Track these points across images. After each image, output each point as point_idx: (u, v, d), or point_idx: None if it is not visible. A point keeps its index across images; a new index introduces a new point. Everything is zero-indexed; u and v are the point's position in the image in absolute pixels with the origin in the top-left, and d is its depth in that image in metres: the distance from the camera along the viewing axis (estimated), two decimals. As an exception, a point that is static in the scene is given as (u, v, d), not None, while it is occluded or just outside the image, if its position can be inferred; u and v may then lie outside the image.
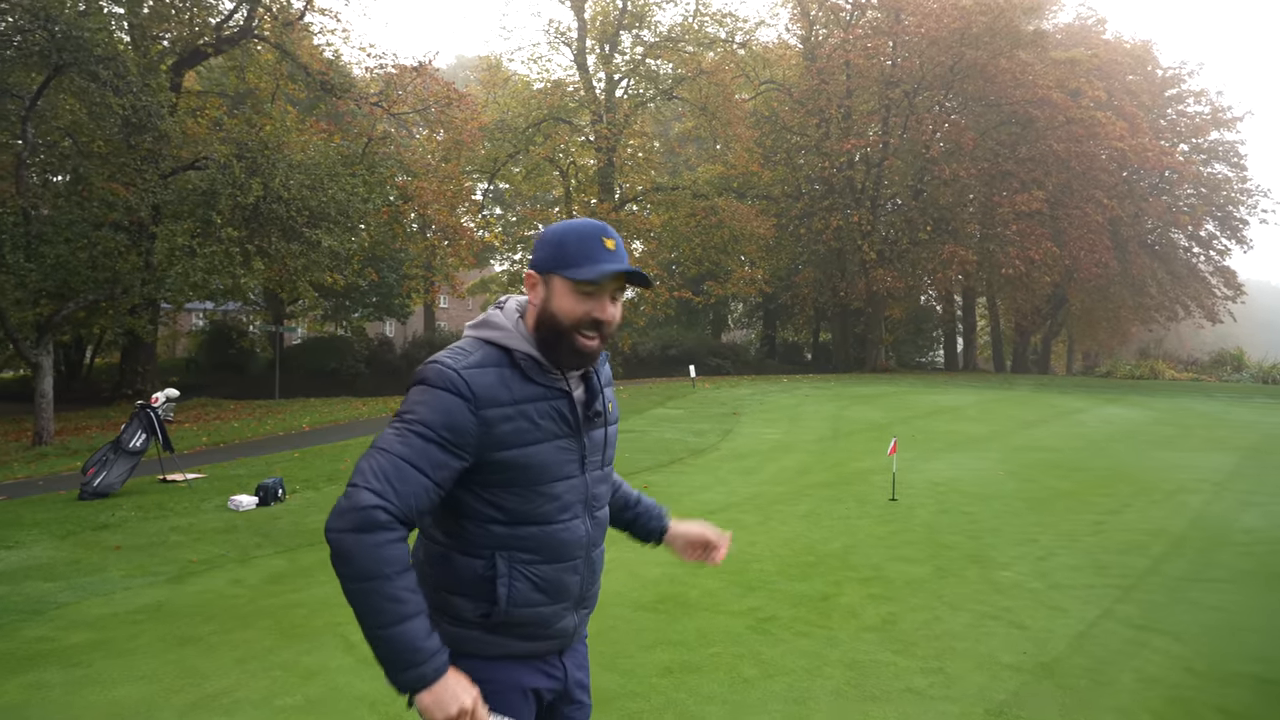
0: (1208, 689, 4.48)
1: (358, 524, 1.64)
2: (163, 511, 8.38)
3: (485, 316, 1.93)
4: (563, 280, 1.82)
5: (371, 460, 1.70)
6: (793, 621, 5.50)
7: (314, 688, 4.42)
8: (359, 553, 1.63)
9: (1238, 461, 11.82)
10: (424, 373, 1.79)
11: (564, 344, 1.83)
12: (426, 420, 1.72)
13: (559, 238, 1.85)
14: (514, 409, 1.79)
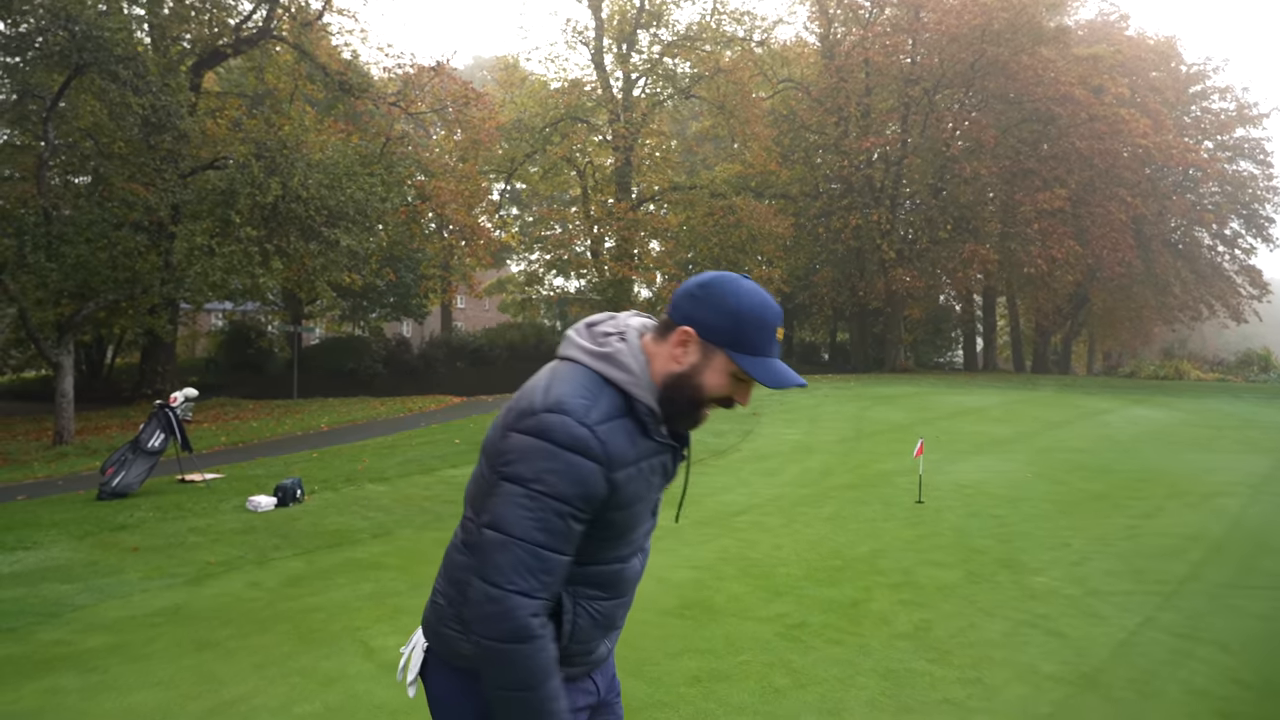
0: (1260, 703, 4.31)
1: (513, 635, 1.58)
2: (181, 512, 8.33)
3: (611, 350, 1.72)
4: (726, 360, 1.69)
5: (510, 554, 1.58)
6: (823, 628, 5.35)
7: (333, 695, 4.32)
8: (517, 663, 1.59)
9: (1272, 464, 11.54)
10: (548, 426, 1.60)
11: (693, 413, 1.75)
12: (561, 494, 1.59)
13: (736, 314, 1.68)
14: (635, 467, 1.69)
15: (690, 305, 1.70)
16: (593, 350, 1.72)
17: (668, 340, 1.72)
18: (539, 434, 1.60)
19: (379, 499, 8.99)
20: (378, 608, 5.68)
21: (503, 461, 1.63)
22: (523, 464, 1.60)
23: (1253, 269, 40.22)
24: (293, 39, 20.22)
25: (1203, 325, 44.51)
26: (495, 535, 1.61)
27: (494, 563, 1.59)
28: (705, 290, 1.70)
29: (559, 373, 1.71)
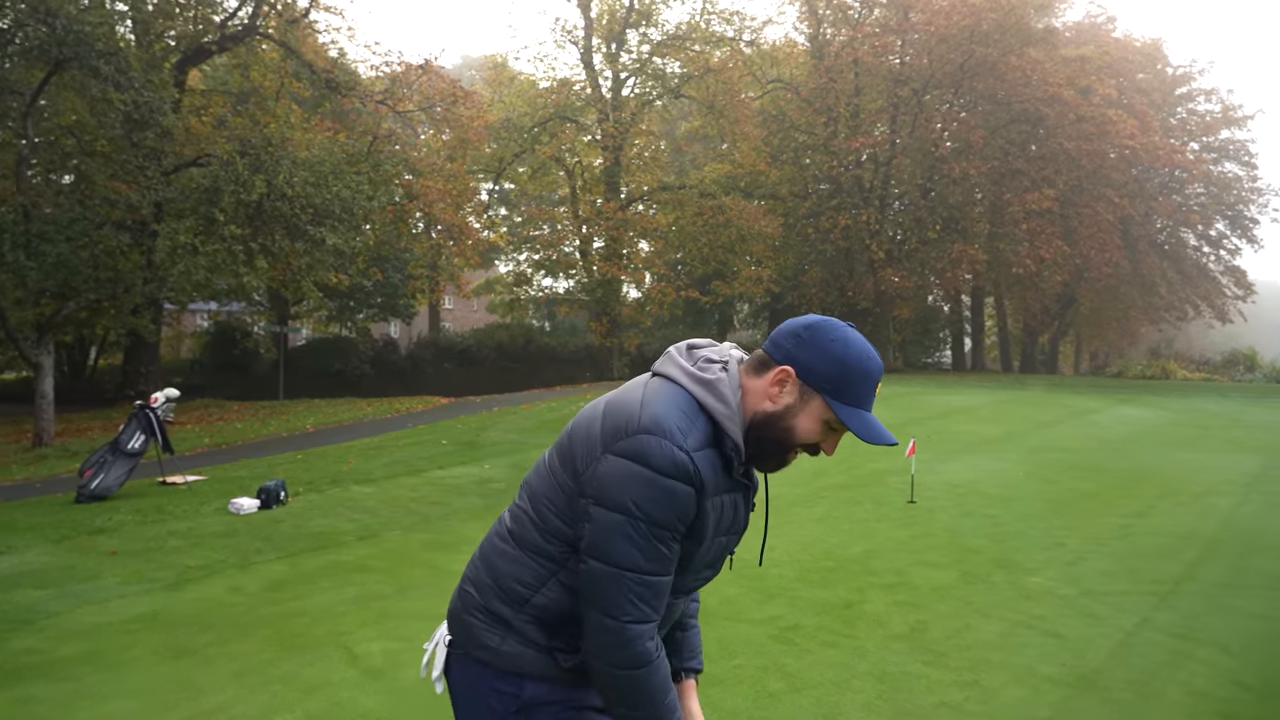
0: (1261, 705, 4.24)
1: (633, 662, 1.63)
2: (161, 515, 8.16)
3: (713, 378, 1.68)
4: (823, 406, 1.66)
5: (622, 586, 1.60)
6: (817, 631, 5.26)
7: (315, 703, 4.19)
8: (639, 687, 1.65)
9: (1262, 463, 11.54)
10: (647, 450, 1.58)
11: (779, 456, 1.72)
12: (662, 522, 1.59)
13: (842, 361, 1.65)
14: (719, 499, 1.69)
15: (794, 345, 1.67)
16: (694, 375, 1.69)
17: (764, 377, 1.68)
18: (637, 458, 1.58)
19: (365, 500, 8.84)
20: (362, 612, 5.55)
21: (599, 486, 1.61)
22: (623, 492, 1.58)
23: (1238, 269, 40.43)
24: (279, 36, 20.01)
25: (1189, 326, 44.75)
26: (602, 567, 1.61)
27: (607, 595, 1.60)
28: (812, 333, 1.67)
29: (657, 391, 1.67)
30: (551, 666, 1.70)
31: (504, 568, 1.73)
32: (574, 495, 1.66)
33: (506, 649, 1.69)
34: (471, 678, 1.73)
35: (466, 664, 1.74)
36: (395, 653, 4.85)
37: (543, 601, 1.69)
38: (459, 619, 1.77)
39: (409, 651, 4.84)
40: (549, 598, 1.69)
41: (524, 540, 1.73)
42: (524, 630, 1.69)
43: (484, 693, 1.71)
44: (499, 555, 1.76)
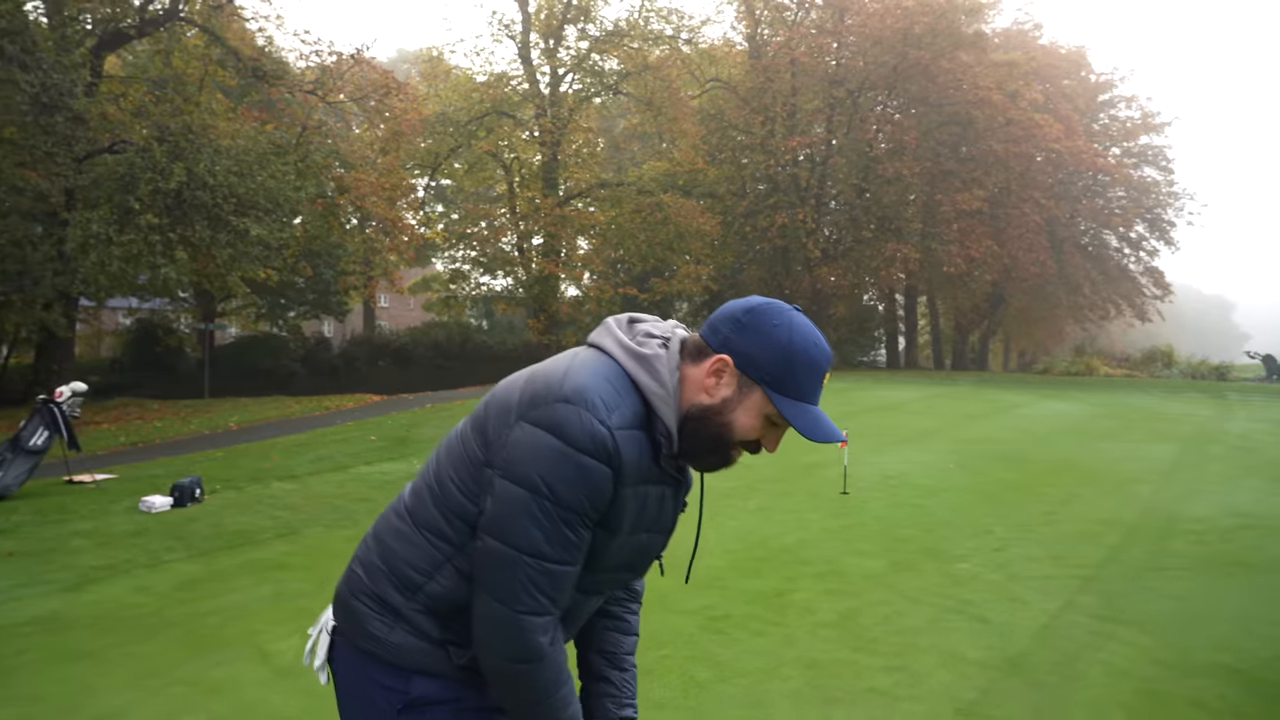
0: (1179, 681, 4.30)
1: (524, 656, 1.47)
2: (64, 515, 7.73)
3: (650, 353, 1.51)
4: (764, 399, 1.50)
5: (520, 572, 1.43)
6: (747, 620, 5.20)
7: (222, 704, 3.97)
8: (529, 680, 1.49)
9: (1179, 452, 11.92)
10: (564, 420, 1.41)
11: (715, 455, 1.56)
12: (572, 504, 1.42)
13: (787, 350, 1.49)
14: (642, 489, 1.51)
15: (733, 331, 1.50)
16: (630, 348, 1.52)
17: (700, 366, 1.52)
18: (553, 428, 1.41)
19: (286, 497, 8.52)
20: (278, 610, 5.31)
21: (508, 457, 1.44)
22: (531, 465, 1.41)
23: (1156, 270, 41.95)
24: (202, 21, 19.32)
25: (1110, 325, 46.33)
26: (500, 548, 1.43)
27: (501, 579, 1.44)
28: (753, 317, 1.51)
29: (585, 360, 1.51)
30: (443, 662, 1.54)
31: (397, 549, 1.57)
32: (481, 466, 1.50)
33: (394, 639, 1.54)
34: (355, 669, 1.58)
35: (351, 653, 1.59)
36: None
37: (437, 589, 1.53)
38: (345, 604, 1.62)
39: (325, 649, 4.63)
40: (444, 585, 1.53)
41: (422, 519, 1.57)
42: (414, 620, 1.54)
43: (368, 686, 1.56)
44: (393, 535, 1.60)
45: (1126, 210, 40.53)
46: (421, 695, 1.53)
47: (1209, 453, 12.07)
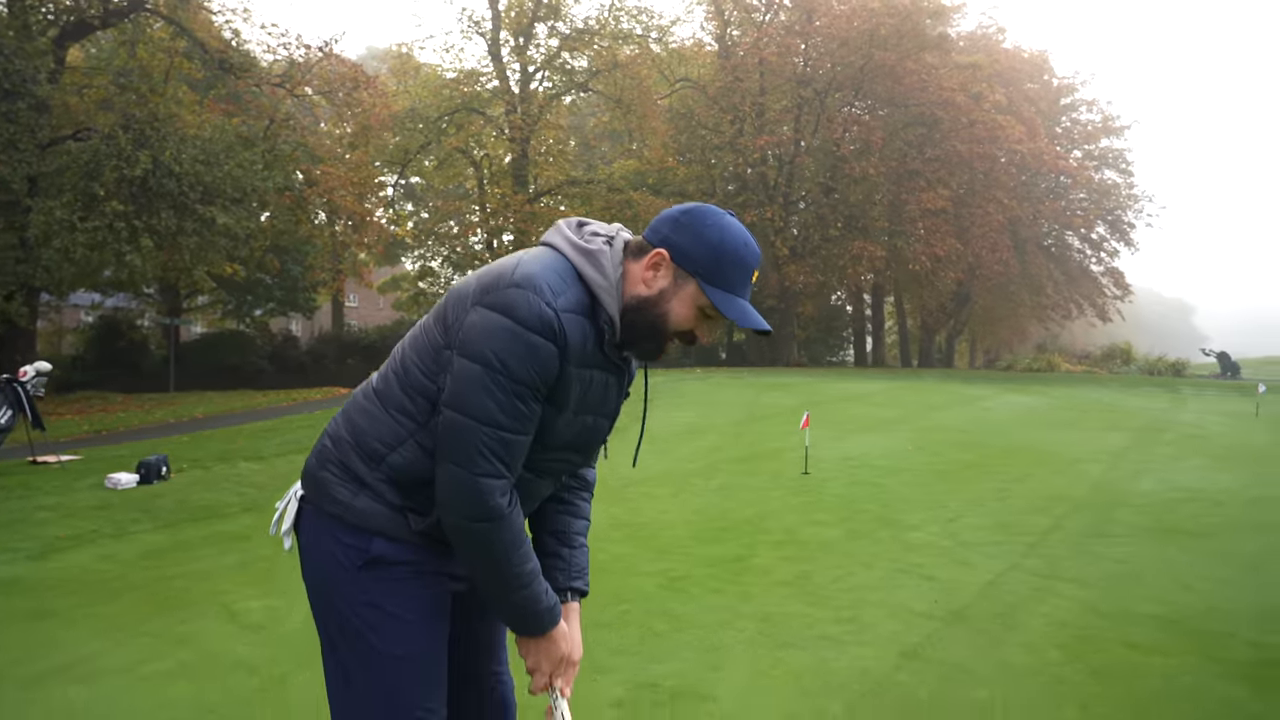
0: (1112, 628, 4.51)
1: (483, 515, 1.59)
2: (28, 491, 7.72)
3: (594, 249, 1.66)
4: (697, 291, 1.64)
5: (475, 438, 1.56)
6: (705, 579, 5.36)
7: (187, 653, 4.05)
8: (487, 539, 1.61)
9: (1131, 439, 12.27)
10: (513, 303, 1.55)
11: (653, 341, 1.69)
12: (521, 378, 1.55)
13: (718, 246, 1.63)
14: (586, 373, 1.66)
15: (670, 229, 1.65)
16: (576, 244, 1.66)
17: (640, 262, 1.66)
18: (504, 310, 1.55)
19: (253, 476, 8.56)
20: (244, 575, 5.39)
21: (464, 337, 1.58)
22: (485, 343, 1.55)
23: (1116, 271, 42.85)
24: (168, 12, 19.16)
25: (1073, 324, 47.22)
26: (458, 418, 1.57)
27: (460, 446, 1.57)
28: (689, 217, 1.65)
29: (536, 254, 1.66)
30: (402, 527, 1.67)
31: (364, 425, 1.71)
32: (441, 349, 1.64)
33: (358, 504, 1.67)
34: (320, 532, 1.71)
35: (317, 518, 1.71)
36: (276, 609, 4.72)
37: (399, 461, 1.66)
38: (313, 474, 1.75)
39: (290, 607, 4.72)
40: (405, 458, 1.66)
41: (388, 398, 1.70)
42: (377, 488, 1.67)
43: (332, 545, 1.68)
44: (360, 413, 1.73)
45: (1088, 212, 41.38)
46: (381, 554, 1.66)
47: (1159, 438, 12.45)
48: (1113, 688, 3.75)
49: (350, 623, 1.66)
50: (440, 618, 1.74)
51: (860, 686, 3.72)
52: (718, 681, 3.78)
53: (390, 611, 1.66)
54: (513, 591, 1.66)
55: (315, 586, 1.72)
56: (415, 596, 1.69)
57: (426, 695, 1.69)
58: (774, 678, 3.83)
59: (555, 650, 1.75)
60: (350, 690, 1.67)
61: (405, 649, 1.67)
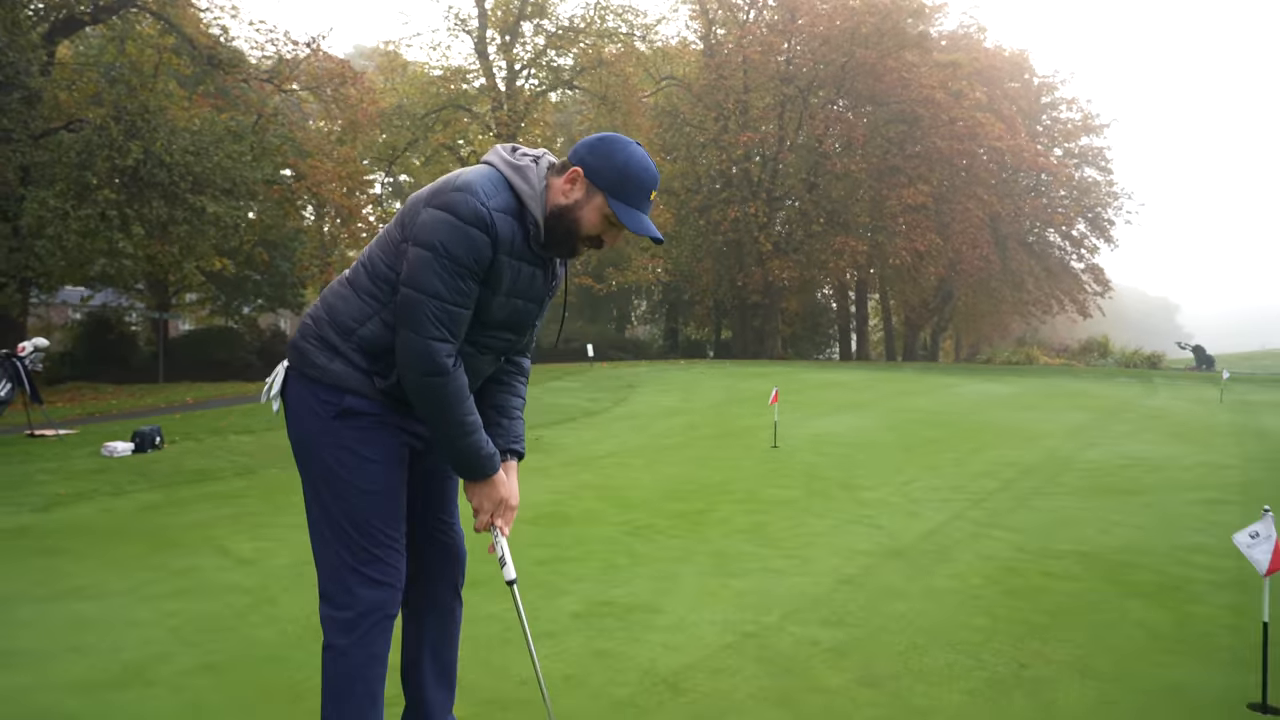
0: (1035, 561, 4.94)
1: (433, 371, 1.96)
2: (29, 458, 8.05)
3: (522, 165, 2.05)
4: (604, 202, 2.02)
5: (426, 309, 1.94)
6: (667, 528, 5.75)
7: (185, 581, 4.43)
8: (437, 392, 1.98)
9: (1091, 418, 12.74)
10: (455, 203, 1.93)
11: (568, 243, 2.08)
12: (460, 260, 1.93)
13: (623, 167, 2.01)
14: (513, 261, 2.03)
15: (586, 152, 2.04)
16: (508, 161, 2.06)
17: (561, 178, 2.04)
18: (448, 208, 1.93)
19: (244, 446, 8.91)
20: (237, 524, 5.75)
21: (416, 232, 1.95)
22: (432, 234, 1.92)
23: (1097, 268, 43.43)
24: (156, 8, 19.41)
25: (1055, 321, 47.79)
26: (412, 293, 1.95)
27: (414, 316, 1.94)
28: (603, 143, 2.04)
29: (475, 168, 2.05)
30: (368, 385, 2.06)
31: (339, 306, 2.10)
32: (399, 244, 2.03)
33: (334, 368, 2.06)
34: (302, 391, 2.09)
35: (299, 381, 2.10)
36: (266, 549, 5.10)
37: (366, 333, 2.05)
38: (296, 346, 2.13)
39: (280, 547, 5.10)
40: (372, 331, 2.05)
41: (358, 285, 2.10)
42: (350, 356, 2.06)
43: (311, 401, 2.07)
44: (335, 296, 2.13)
45: (1068, 209, 41.93)
46: (351, 406, 2.05)
47: (1119, 417, 12.93)
48: (1022, 602, 4.17)
49: (327, 465, 2.05)
50: (400, 464, 2.13)
51: (796, 603, 4.13)
52: (667, 600, 4.18)
53: (360, 454, 2.05)
54: (458, 439, 2.03)
55: (299, 439, 2.11)
56: (380, 443, 2.07)
57: (388, 523, 2.08)
58: (719, 597, 4.23)
59: (495, 493, 2.14)
60: (328, 522, 2.06)
61: (372, 485, 2.05)
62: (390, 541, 2.08)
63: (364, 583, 2.04)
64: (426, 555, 2.27)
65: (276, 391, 2.15)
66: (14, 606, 3.97)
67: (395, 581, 2.09)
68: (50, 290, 23.70)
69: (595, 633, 3.70)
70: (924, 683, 3.19)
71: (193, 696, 2.99)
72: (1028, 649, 3.53)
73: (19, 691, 3.02)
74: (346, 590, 2.04)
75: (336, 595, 2.05)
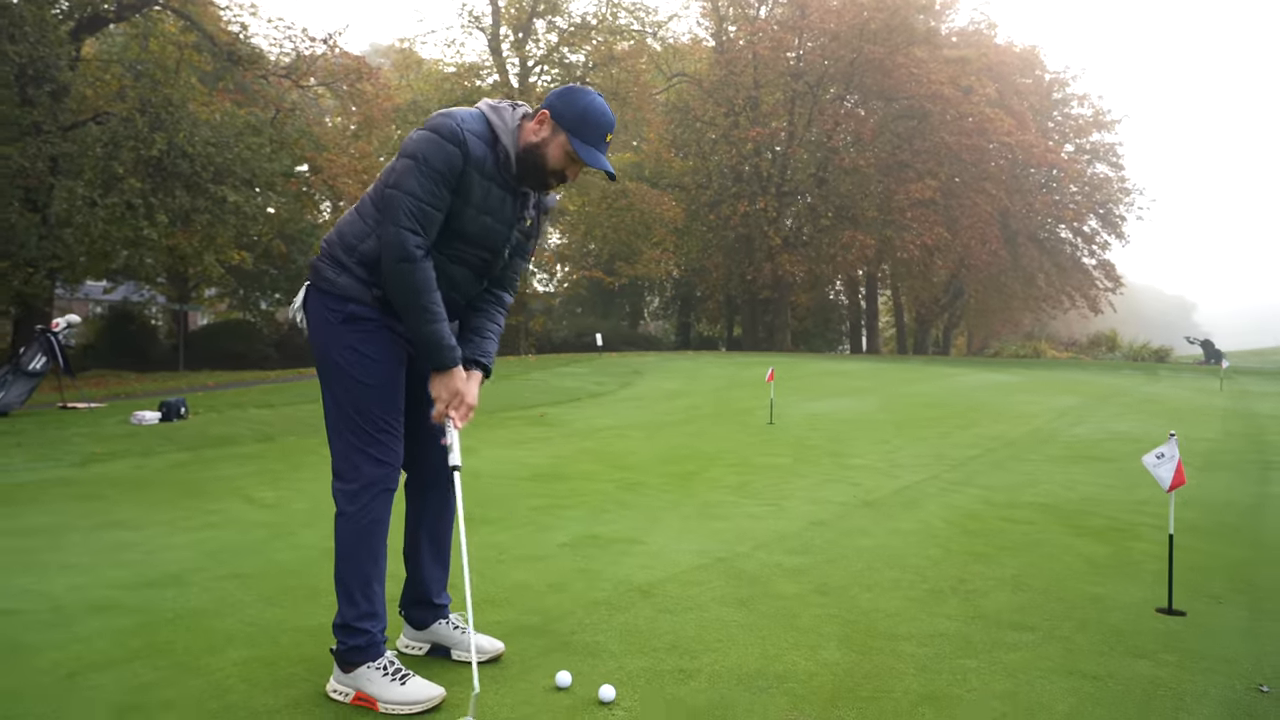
0: (996, 511, 5.31)
1: (404, 258, 2.33)
2: (63, 425, 8.55)
3: (499, 105, 2.48)
4: (566, 140, 2.42)
5: (404, 204, 2.32)
6: (658, 485, 6.15)
7: (214, 518, 4.87)
8: (406, 278, 2.35)
9: (1083, 401, 13.04)
10: (437, 124, 2.34)
11: (535, 176, 2.49)
12: (437, 168, 2.32)
13: (583, 111, 2.41)
14: (485, 181, 2.42)
15: (555, 98, 2.45)
16: (490, 104, 2.50)
17: (533, 122, 2.47)
18: (429, 128, 2.36)
19: (263, 417, 9.38)
20: (259, 478, 6.20)
21: (404, 145, 2.37)
22: (415, 147, 2.34)
23: (1108, 263, 43.44)
24: (178, 6, 19.99)
25: (1067, 317, 47.84)
26: (393, 193, 2.34)
27: (392, 210, 2.33)
28: (568, 92, 2.46)
29: (460, 107, 2.48)
30: (368, 295, 2.47)
31: (345, 229, 2.53)
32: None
33: (341, 281, 2.47)
34: (316, 302, 2.51)
35: (315, 294, 2.52)
36: (286, 496, 5.54)
37: (366, 249, 2.46)
38: (314, 265, 2.55)
39: (298, 496, 5.54)
40: (370, 247, 2.46)
41: (363, 210, 2.52)
42: (353, 270, 2.47)
43: (324, 310, 2.49)
44: (344, 222, 2.55)
45: (1079, 205, 41.99)
46: (354, 313, 2.47)
47: (1113, 402, 13.22)
48: (976, 539, 4.55)
49: (336, 363, 2.46)
50: (398, 363, 2.54)
51: (767, 538, 4.52)
52: (649, 535, 4.58)
53: (362, 353, 2.46)
54: (423, 325, 2.38)
55: (316, 344, 2.52)
56: (380, 344, 2.49)
57: (387, 412, 2.50)
58: (698, 534, 4.63)
59: (452, 383, 2.47)
60: (338, 411, 2.48)
61: (373, 379, 2.47)
62: (389, 427, 2.50)
63: (368, 460, 2.45)
64: (423, 443, 2.69)
65: (299, 306, 2.56)
66: (64, 534, 4.43)
67: (394, 460, 2.50)
68: (75, 282, 24.35)
69: (580, 557, 4.10)
70: (870, 592, 3.58)
71: (222, 594, 3.42)
72: (970, 570, 3.91)
73: (76, 589, 3.46)
74: (354, 467, 2.45)
75: (346, 472, 2.47)
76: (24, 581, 3.57)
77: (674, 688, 2.57)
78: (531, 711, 2.40)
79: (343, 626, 2.46)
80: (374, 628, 2.47)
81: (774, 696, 2.52)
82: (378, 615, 2.49)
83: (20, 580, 3.59)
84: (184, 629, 3.02)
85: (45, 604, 3.28)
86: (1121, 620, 3.25)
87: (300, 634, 2.98)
